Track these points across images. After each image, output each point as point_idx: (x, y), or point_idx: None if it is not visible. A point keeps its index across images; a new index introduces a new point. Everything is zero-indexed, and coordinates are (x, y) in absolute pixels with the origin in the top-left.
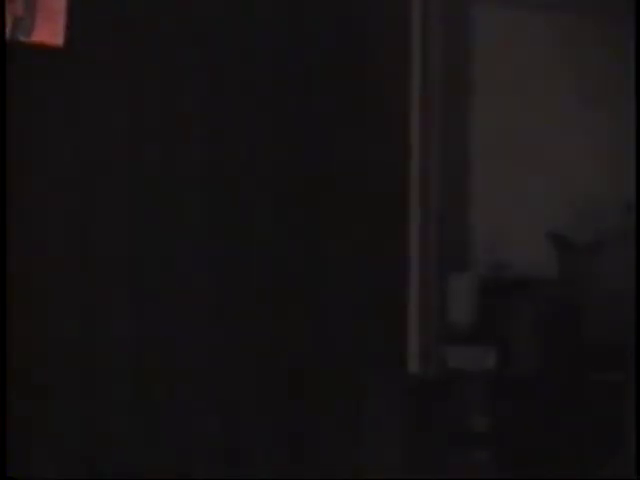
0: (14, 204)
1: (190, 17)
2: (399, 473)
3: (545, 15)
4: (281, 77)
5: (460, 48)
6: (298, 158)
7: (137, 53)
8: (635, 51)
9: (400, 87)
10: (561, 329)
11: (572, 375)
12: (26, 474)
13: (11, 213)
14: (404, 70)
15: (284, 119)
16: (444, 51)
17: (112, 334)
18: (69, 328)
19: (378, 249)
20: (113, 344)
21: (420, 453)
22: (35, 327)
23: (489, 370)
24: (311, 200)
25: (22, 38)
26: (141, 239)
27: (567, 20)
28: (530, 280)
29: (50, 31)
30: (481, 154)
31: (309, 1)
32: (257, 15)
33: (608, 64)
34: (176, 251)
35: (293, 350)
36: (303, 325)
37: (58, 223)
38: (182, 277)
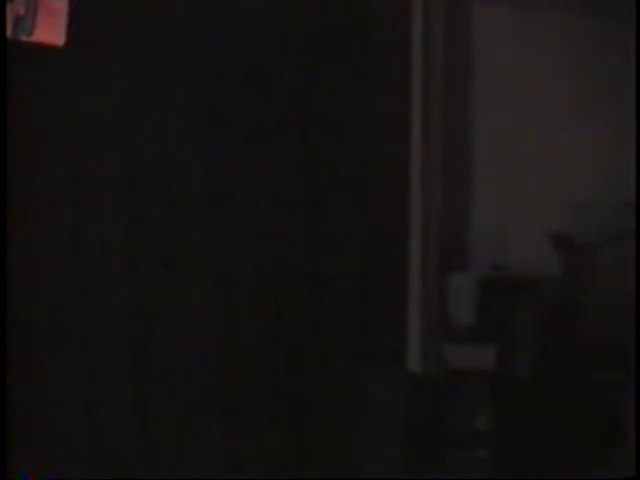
0: (14, 203)
1: (190, 12)
2: (399, 472)
3: (546, 15)
4: (281, 78)
5: (460, 48)
6: (302, 156)
7: (137, 52)
8: (635, 51)
9: (401, 87)
10: (561, 328)
11: (572, 374)
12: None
13: (11, 212)
14: (404, 72)
15: (286, 121)
16: (444, 51)
17: (112, 334)
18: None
19: (379, 249)
20: (113, 342)
21: (420, 452)
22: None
23: (489, 369)
24: (313, 200)
25: (23, 37)
26: (140, 237)
27: (567, 20)
28: (530, 280)
29: (51, 30)
30: (482, 154)
31: None
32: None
33: (608, 64)
34: (177, 249)
35: (293, 349)
36: (303, 324)
37: (58, 220)
38: (183, 276)
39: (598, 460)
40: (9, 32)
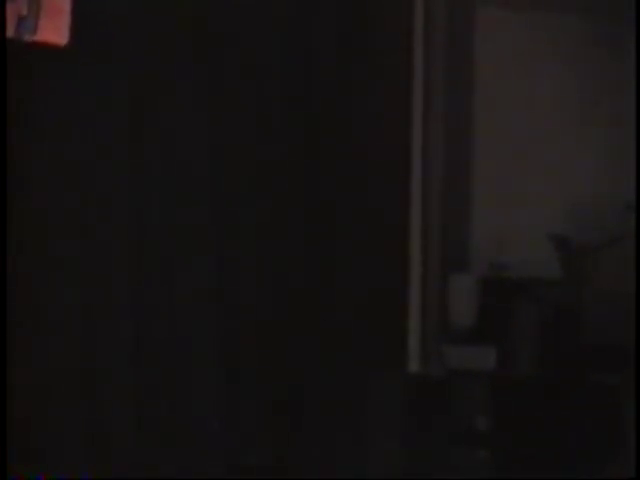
0: (15, 204)
1: (192, 15)
2: (400, 473)
3: (546, 15)
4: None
5: (461, 49)
6: (301, 160)
7: (140, 52)
8: (635, 51)
9: (401, 88)
10: (561, 330)
11: (572, 376)
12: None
13: (12, 213)
14: (405, 72)
15: (287, 135)
16: (445, 52)
17: (113, 332)
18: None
19: (379, 249)
20: (114, 341)
21: (420, 453)
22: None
23: (489, 371)
24: (312, 200)
25: (26, 37)
26: (142, 238)
27: (568, 20)
28: (531, 281)
29: (54, 30)
30: (482, 155)
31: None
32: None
33: (608, 64)
34: (178, 252)
35: (293, 350)
36: (303, 325)
37: (58, 222)
38: (184, 279)
39: (597, 461)
40: (11, 32)
